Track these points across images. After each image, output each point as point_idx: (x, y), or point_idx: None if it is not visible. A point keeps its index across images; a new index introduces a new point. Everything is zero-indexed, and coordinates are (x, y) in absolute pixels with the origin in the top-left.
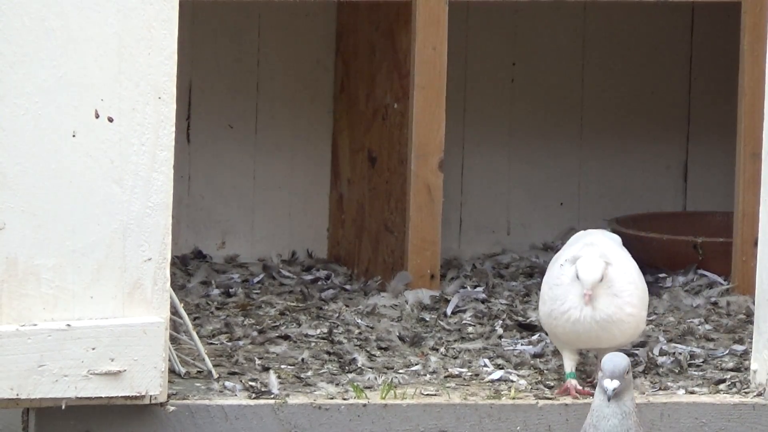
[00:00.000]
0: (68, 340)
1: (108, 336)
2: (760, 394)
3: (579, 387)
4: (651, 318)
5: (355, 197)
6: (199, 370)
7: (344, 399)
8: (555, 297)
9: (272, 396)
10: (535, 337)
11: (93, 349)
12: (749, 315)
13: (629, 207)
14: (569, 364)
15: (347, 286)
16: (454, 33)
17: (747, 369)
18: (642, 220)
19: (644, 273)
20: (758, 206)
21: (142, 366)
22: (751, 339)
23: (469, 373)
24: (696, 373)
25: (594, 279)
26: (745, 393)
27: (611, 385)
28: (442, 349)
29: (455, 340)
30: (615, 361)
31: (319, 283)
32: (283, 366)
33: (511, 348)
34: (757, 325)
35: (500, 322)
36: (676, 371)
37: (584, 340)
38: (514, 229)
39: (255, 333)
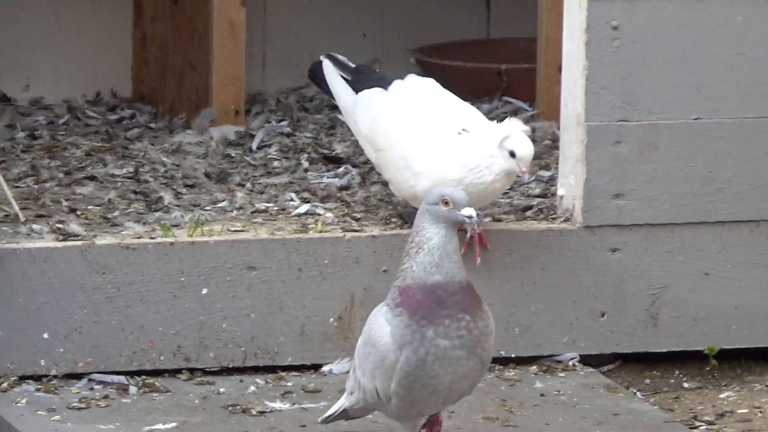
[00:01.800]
0: None
1: None
2: (567, 220)
3: None
4: None
5: (158, 35)
6: (6, 213)
7: (152, 238)
8: (473, 167)
9: (79, 237)
10: (341, 170)
11: None
12: (555, 140)
13: (432, 36)
14: None
15: (152, 125)
16: None
17: (554, 195)
18: (445, 49)
19: None
20: (561, 31)
21: None
22: (557, 165)
23: (276, 208)
24: (503, 200)
25: (532, 155)
26: (553, 219)
27: (474, 212)
28: (249, 185)
29: (261, 175)
30: (461, 191)
31: (124, 122)
32: (90, 207)
33: (317, 181)
34: (562, 150)
35: (306, 155)
36: None
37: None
38: None
39: (61, 175)
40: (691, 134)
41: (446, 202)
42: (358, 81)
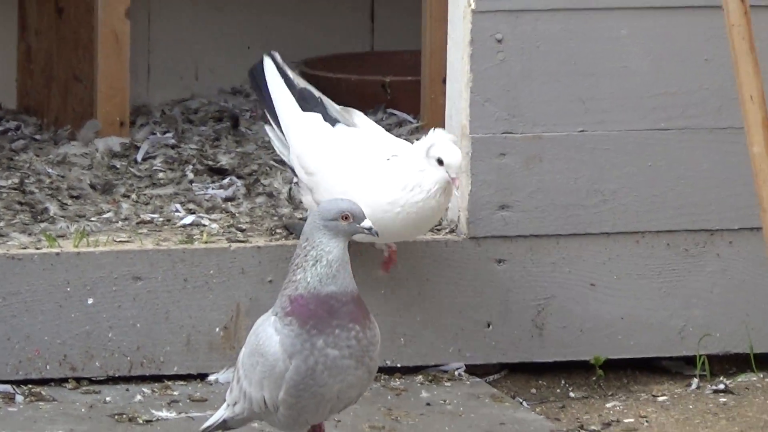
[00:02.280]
0: None
1: None
2: (452, 231)
3: None
4: None
5: (43, 47)
6: None
7: (37, 248)
8: (405, 186)
9: None
10: (225, 181)
11: None
12: None
13: (317, 48)
14: None
15: (37, 136)
16: None
17: None
18: (330, 61)
19: None
20: (445, 44)
21: None
22: None
23: (161, 219)
24: None
25: (461, 160)
26: (438, 230)
27: (370, 223)
28: (134, 196)
29: (146, 186)
30: (357, 205)
31: (9, 134)
32: None
33: (202, 192)
34: None
35: (191, 167)
36: None
37: (405, 231)
38: (202, 74)
39: None
40: (575, 146)
41: (346, 217)
42: (304, 101)
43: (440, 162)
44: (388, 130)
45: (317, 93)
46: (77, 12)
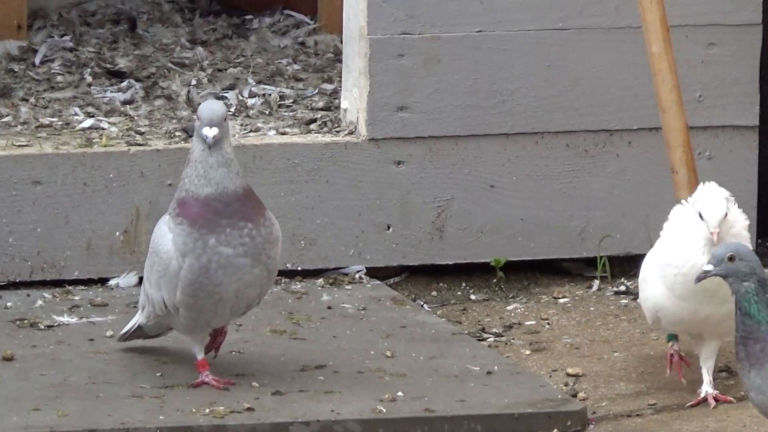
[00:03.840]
0: None
1: None
2: (351, 132)
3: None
4: (239, 60)
5: None
6: None
7: None
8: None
9: None
10: (124, 84)
11: None
12: (337, 54)
13: None
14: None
15: None
16: None
17: (337, 108)
18: None
19: (231, 16)
20: None
21: None
22: (341, 78)
23: (60, 123)
24: (287, 113)
25: (720, 215)
26: (337, 132)
27: (210, 132)
28: (32, 100)
29: (45, 90)
30: (213, 108)
31: None
32: None
33: (101, 96)
34: (345, 63)
35: (89, 70)
36: (267, 113)
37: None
38: None
39: None
40: (474, 47)
41: (199, 118)
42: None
43: (701, 216)
44: (284, 33)
45: None
46: None
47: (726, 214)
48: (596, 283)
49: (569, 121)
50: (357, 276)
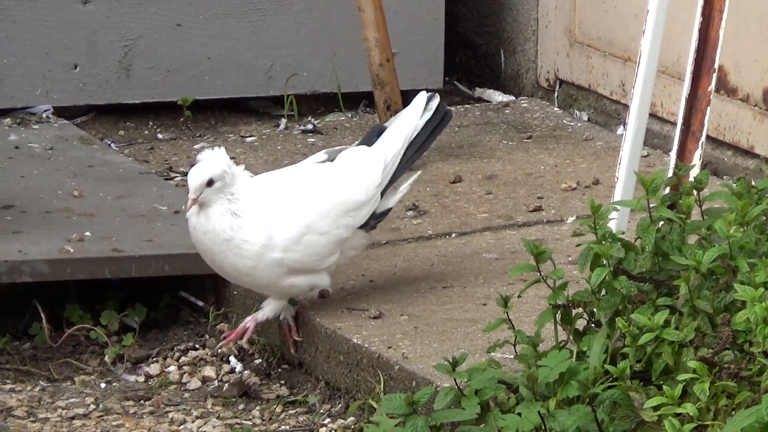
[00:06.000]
0: None
1: None
2: None
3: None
4: None
5: None
6: None
7: None
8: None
9: None
10: None
11: None
12: None
13: None
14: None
15: None
16: None
17: None
18: None
19: None
20: None
21: None
22: None
23: None
24: None
25: (198, 181)
26: None
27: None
28: None
29: None
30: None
31: None
32: None
33: None
34: None
35: None
36: None
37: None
38: None
39: None
40: None
41: None
42: None
43: None
44: None
45: None
46: None
47: (210, 181)
48: (283, 121)
49: None
50: (44, 115)
